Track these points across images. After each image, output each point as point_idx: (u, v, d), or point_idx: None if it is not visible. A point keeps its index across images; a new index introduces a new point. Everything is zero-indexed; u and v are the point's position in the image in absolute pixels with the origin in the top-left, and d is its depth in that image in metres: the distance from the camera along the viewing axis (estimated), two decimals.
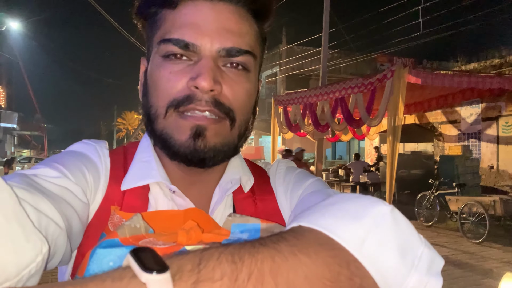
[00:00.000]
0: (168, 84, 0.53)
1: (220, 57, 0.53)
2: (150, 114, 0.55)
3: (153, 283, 0.26)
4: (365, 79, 7.31)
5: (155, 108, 0.54)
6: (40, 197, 0.41)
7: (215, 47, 0.53)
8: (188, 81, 0.52)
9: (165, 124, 0.54)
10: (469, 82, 7.35)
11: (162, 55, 0.54)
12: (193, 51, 0.52)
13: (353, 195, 0.41)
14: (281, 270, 0.30)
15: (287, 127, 10.00)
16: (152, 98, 0.55)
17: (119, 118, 49.73)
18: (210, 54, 0.52)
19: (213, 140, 0.53)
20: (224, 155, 0.56)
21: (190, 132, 0.52)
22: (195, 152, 0.53)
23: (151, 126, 0.56)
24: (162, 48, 0.54)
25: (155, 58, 0.55)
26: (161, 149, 0.57)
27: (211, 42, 0.52)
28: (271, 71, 20.37)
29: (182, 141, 0.53)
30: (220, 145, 0.54)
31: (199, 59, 0.53)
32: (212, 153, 0.54)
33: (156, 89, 0.54)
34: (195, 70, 0.52)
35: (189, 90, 0.52)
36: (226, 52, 0.53)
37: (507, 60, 10.61)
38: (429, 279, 0.36)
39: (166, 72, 0.53)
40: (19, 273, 0.32)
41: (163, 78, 0.53)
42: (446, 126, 11.53)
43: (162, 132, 0.54)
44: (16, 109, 30.31)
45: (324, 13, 11.07)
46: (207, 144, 0.53)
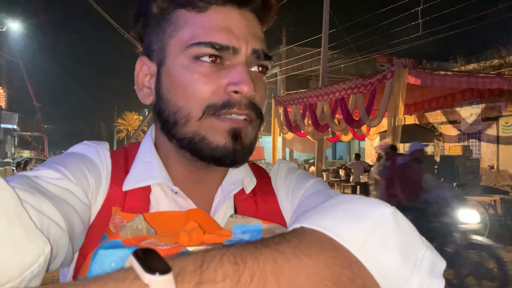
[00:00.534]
0: (203, 87, 0.52)
1: (251, 60, 0.55)
2: (178, 118, 0.54)
3: (156, 284, 0.26)
4: (365, 80, 7.31)
5: (187, 111, 0.53)
6: (41, 198, 0.42)
7: (250, 51, 0.54)
8: (228, 85, 0.52)
9: (200, 126, 0.54)
10: (468, 82, 7.36)
11: (192, 56, 0.53)
12: (230, 55, 0.53)
13: (355, 196, 0.41)
14: (283, 271, 0.30)
15: (287, 127, 10.00)
16: (180, 102, 0.54)
17: (119, 119, 49.76)
18: (244, 59, 0.54)
19: (246, 141, 0.55)
20: (251, 153, 0.58)
21: (228, 134, 0.53)
22: (233, 153, 0.54)
23: (178, 129, 0.55)
24: (195, 50, 0.52)
25: (180, 60, 0.54)
26: (190, 152, 0.56)
27: (246, 45, 0.54)
28: (271, 72, 20.35)
29: (220, 143, 0.53)
30: (250, 145, 0.56)
31: (234, 63, 0.53)
32: (246, 153, 0.56)
33: (187, 92, 0.53)
34: (235, 76, 0.52)
35: (227, 95, 0.53)
36: (257, 55, 0.55)
37: (506, 60, 10.62)
38: (431, 281, 0.36)
39: (199, 75, 0.53)
40: (21, 274, 0.32)
41: (196, 81, 0.53)
42: (446, 126, 11.53)
43: (194, 135, 0.54)
44: (16, 110, 30.32)
45: (323, 14, 11.08)
46: (243, 145, 0.55)
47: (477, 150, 10.41)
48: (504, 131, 9.83)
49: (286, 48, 19.64)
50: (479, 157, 10.13)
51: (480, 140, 10.41)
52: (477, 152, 10.34)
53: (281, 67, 19.55)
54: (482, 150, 10.37)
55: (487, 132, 10.23)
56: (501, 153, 9.92)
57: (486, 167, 10.15)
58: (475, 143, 10.55)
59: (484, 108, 10.19)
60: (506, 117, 9.74)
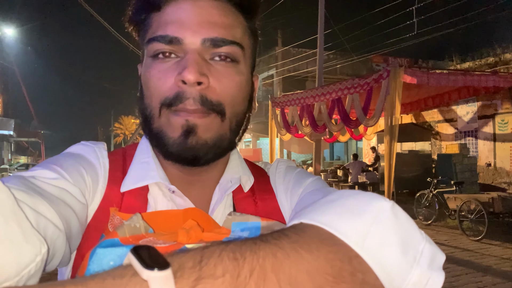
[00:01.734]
0: (158, 83, 0.53)
1: (205, 49, 0.53)
2: (146, 115, 0.55)
3: (155, 280, 0.25)
4: (361, 80, 7.33)
5: (150, 109, 0.55)
6: (38, 199, 0.41)
7: (199, 39, 0.53)
8: (176, 76, 0.52)
9: (160, 123, 0.54)
10: (464, 80, 7.40)
11: (151, 55, 0.54)
12: (178, 46, 0.53)
13: (354, 191, 0.40)
14: (283, 266, 0.30)
15: (285, 128, 10.01)
16: (146, 99, 0.55)
17: (116, 123, 49.70)
18: (194, 47, 0.53)
19: (204, 136, 0.53)
20: (217, 151, 0.55)
21: (181, 129, 0.52)
22: (188, 149, 0.53)
23: (148, 127, 0.56)
24: (150, 48, 0.54)
25: (146, 60, 0.56)
26: (156, 149, 0.57)
27: (194, 34, 0.52)
28: (268, 74, 20.40)
29: (175, 138, 0.53)
30: (211, 140, 0.54)
31: (185, 54, 0.53)
32: (205, 149, 0.53)
33: (149, 90, 0.54)
34: (181, 65, 0.52)
35: (178, 86, 0.52)
36: (210, 42, 0.53)
37: (501, 58, 10.67)
38: (431, 274, 0.36)
39: (155, 71, 0.53)
40: (19, 273, 0.32)
41: (153, 78, 0.53)
42: (443, 125, 11.57)
43: (157, 131, 0.54)
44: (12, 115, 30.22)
45: (319, 15, 11.11)
46: (198, 140, 0.53)
47: (474, 148, 10.45)
48: (500, 128, 9.88)
49: (282, 49, 19.67)
50: (476, 155, 10.16)
51: (477, 138, 10.45)
52: (474, 150, 10.38)
53: (277, 68, 19.59)
54: (479, 148, 10.41)
55: (484, 130, 10.27)
56: (498, 150, 9.96)
57: (483, 164, 10.19)
58: (472, 141, 10.59)
59: (480, 106, 10.24)
60: (502, 115, 9.78)
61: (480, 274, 4.96)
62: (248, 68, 0.59)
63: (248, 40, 0.58)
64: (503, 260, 5.54)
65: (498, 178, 9.94)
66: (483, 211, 6.39)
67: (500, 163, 9.90)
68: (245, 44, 0.57)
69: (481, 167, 10.07)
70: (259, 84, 7.56)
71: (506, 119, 9.71)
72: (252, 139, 22.24)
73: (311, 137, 9.73)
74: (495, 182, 9.88)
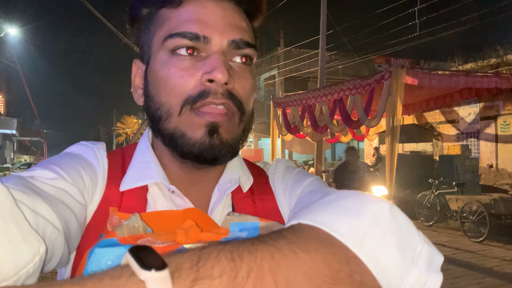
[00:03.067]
0: (180, 81, 0.52)
1: (230, 51, 0.54)
2: (161, 114, 0.54)
3: (152, 280, 0.26)
4: (363, 80, 7.32)
5: (168, 107, 0.54)
6: (37, 199, 0.41)
7: (225, 40, 0.53)
8: (203, 75, 0.51)
9: (179, 122, 0.53)
10: (466, 82, 7.38)
11: (169, 49, 0.53)
12: (204, 45, 0.53)
13: (352, 192, 0.40)
14: (281, 267, 0.30)
15: (286, 129, 10.00)
16: (162, 97, 0.54)
17: (119, 123, 49.74)
18: (220, 48, 0.53)
19: (226, 136, 0.54)
20: (234, 150, 0.56)
21: (205, 129, 0.52)
22: (210, 149, 0.53)
23: (161, 126, 0.55)
24: (170, 44, 0.53)
25: (160, 56, 0.54)
26: (171, 149, 0.56)
27: (221, 35, 0.53)
28: (270, 74, 20.40)
29: (197, 139, 0.53)
30: (231, 140, 0.55)
31: (210, 53, 0.53)
32: (225, 149, 0.54)
33: (166, 87, 0.53)
34: (209, 64, 0.51)
35: (203, 85, 0.52)
36: (235, 45, 0.54)
37: (504, 59, 10.63)
38: (429, 275, 0.36)
39: (176, 69, 0.52)
40: (17, 273, 0.32)
41: (174, 75, 0.52)
42: (445, 126, 11.54)
43: (175, 131, 0.54)
44: (15, 115, 30.32)
45: (321, 15, 11.10)
46: (221, 140, 0.53)
47: (476, 149, 10.42)
48: (502, 130, 9.85)
49: (284, 50, 19.67)
50: (478, 156, 10.14)
51: (479, 139, 10.42)
52: (476, 151, 10.35)
53: (279, 69, 19.58)
54: (481, 149, 10.38)
55: (486, 131, 10.24)
56: (500, 152, 9.93)
57: (485, 166, 10.16)
58: (474, 142, 10.56)
59: (482, 107, 10.21)
60: (504, 116, 9.75)
61: (481, 276, 4.95)
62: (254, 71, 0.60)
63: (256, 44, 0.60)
64: (505, 262, 5.52)
65: (500, 180, 9.90)
66: (484, 213, 6.37)
67: (502, 165, 9.87)
68: (257, 47, 0.58)
69: (483, 168, 10.04)
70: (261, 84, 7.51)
71: (508, 121, 9.68)
72: (253, 139, 22.24)
73: (312, 138, 9.73)
74: (497, 184, 9.85)
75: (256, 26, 0.62)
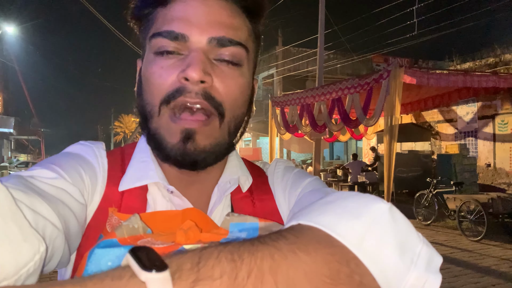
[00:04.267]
0: (159, 80, 0.52)
1: (211, 49, 0.53)
2: (145, 113, 0.55)
3: (153, 281, 0.26)
4: (361, 79, 7.33)
5: (150, 106, 0.54)
6: (36, 198, 0.41)
7: (205, 38, 0.52)
8: (178, 73, 0.51)
9: (159, 124, 0.53)
10: (464, 81, 7.40)
11: (154, 51, 0.53)
12: (183, 43, 0.52)
13: (351, 193, 0.40)
14: (281, 268, 0.30)
15: (285, 128, 10.01)
16: (145, 96, 0.55)
17: (116, 122, 49.69)
18: (200, 46, 0.52)
19: (203, 143, 0.53)
20: (216, 156, 0.55)
21: (180, 135, 0.52)
22: (186, 155, 0.52)
23: (146, 125, 0.55)
24: (154, 44, 0.53)
25: (147, 56, 0.55)
26: (153, 150, 0.56)
27: (201, 32, 0.52)
28: (268, 73, 20.39)
29: (174, 144, 0.52)
30: (210, 146, 0.54)
31: (190, 51, 0.52)
32: (203, 155, 0.53)
33: (149, 86, 0.54)
34: (185, 62, 0.51)
35: (179, 82, 0.51)
36: (217, 42, 0.53)
37: (501, 59, 10.66)
38: (428, 276, 0.36)
39: (157, 68, 0.53)
40: (17, 272, 0.32)
41: (154, 74, 0.53)
42: (443, 125, 11.57)
43: (155, 133, 0.54)
44: (13, 113, 30.20)
45: (319, 14, 11.10)
46: (197, 147, 0.52)
47: (473, 149, 10.45)
48: (500, 129, 9.88)
49: (282, 49, 19.66)
50: (476, 155, 10.16)
51: (477, 138, 10.45)
52: (474, 151, 10.38)
53: (277, 67, 19.57)
54: (478, 148, 10.41)
55: (484, 130, 10.27)
56: (497, 151, 9.96)
57: (483, 165, 10.20)
58: (472, 141, 10.59)
59: (480, 107, 10.24)
60: (502, 115, 9.78)
61: (479, 274, 4.96)
62: (250, 71, 0.59)
63: (252, 44, 0.58)
64: (503, 260, 5.54)
65: (497, 179, 9.94)
66: (482, 212, 6.39)
67: (500, 164, 9.91)
68: (250, 47, 0.57)
69: (480, 167, 10.07)
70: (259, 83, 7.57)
71: (506, 120, 9.71)
72: (252, 138, 22.24)
73: (311, 137, 9.74)
74: (494, 183, 9.88)
75: (258, 24, 0.60)
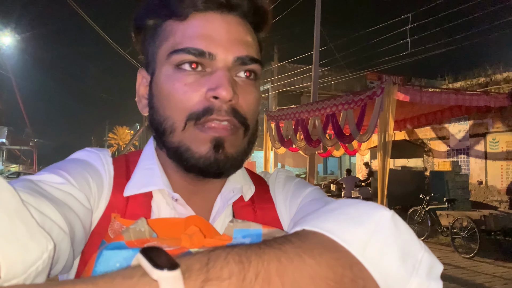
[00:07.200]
0: (184, 96, 0.52)
1: (235, 67, 0.54)
2: (165, 127, 0.55)
3: (165, 280, 0.26)
4: (356, 96, 7.41)
5: (172, 121, 0.54)
6: (43, 201, 0.41)
7: (231, 57, 0.53)
8: (207, 92, 0.52)
9: (184, 136, 0.54)
10: (456, 99, 7.52)
11: (174, 64, 0.53)
12: (209, 61, 0.53)
13: (355, 200, 0.41)
14: (287, 270, 0.31)
15: (280, 142, 10.03)
16: (166, 111, 0.54)
17: (110, 133, 49.40)
18: (225, 64, 0.53)
19: (230, 151, 0.54)
20: (238, 164, 0.57)
21: (210, 144, 0.53)
22: (215, 164, 0.53)
23: (165, 139, 0.55)
24: (174, 59, 0.53)
25: (164, 69, 0.54)
26: (176, 162, 0.56)
27: (226, 52, 0.53)
28: (263, 88, 20.50)
29: (202, 154, 0.53)
30: (236, 154, 0.55)
31: (215, 69, 0.53)
32: (230, 163, 0.54)
33: (170, 102, 0.54)
34: (213, 81, 0.52)
35: (207, 101, 0.52)
36: (241, 61, 0.54)
37: (492, 78, 10.86)
38: (430, 283, 0.37)
39: (180, 84, 0.53)
40: (26, 271, 0.32)
41: (178, 90, 0.53)
42: (436, 142, 11.67)
43: (179, 145, 0.54)
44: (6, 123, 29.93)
45: (315, 32, 11.27)
46: (226, 155, 0.54)
47: (466, 166, 10.53)
48: (491, 147, 9.98)
49: (278, 64, 19.85)
50: (468, 172, 10.24)
51: (469, 156, 10.54)
52: (466, 168, 10.46)
53: (273, 83, 19.72)
54: (470, 166, 10.50)
55: (475, 148, 10.37)
56: (489, 168, 10.05)
57: (475, 182, 10.26)
58: (464, 158, 10.68)
59: (472, 125, 10.36)
60: (493, 134, 9.90)
61: None
62: (260, 84, 0.61)
63: (261, 56, 0.60)
64: (495, 278, 5.54)
65: (489, 196, 10.00)
66: (475, 229, 6.41)
67: (492, 181, 9.98)
68: (262, 61, 0.59)
69: (473, 184, 10.14)
70: None
71: (497, 138, 9.83)
72: None
73: (305, 151, 9.77)
74: (486, 200, 9.94)
75: (262, 36, 0.62)
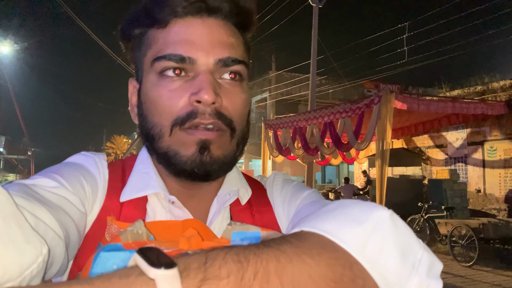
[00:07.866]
0: (169, 102, 0.53)
1: (217, 69, 0.54)
2: (153, 134, 0.55)
3: (162, 278, 0.26)
4: (353, 104, 7.45)
5: (159, 127, 0.55)
6: (38, 205, 0.41)
7: (212, 60, 0.54)
8: (190, 96, 0.52)
9: (171, 142, 0.54)
10: (453, 107, 7.57)
11: (157, 72, 0.54)
12: (190, 65, 0.53)
13: (353, 201, 0.41)
14: (286, 270, 0.30)
15: (278, 150, 10.04)
16: (153, 118, 0.55)
17: (108, 142, 49.31)
18: (207, 68, 0.53)
19: (217, 153, 0.54)
20: (227, 166, 0.57)
21: (196, 146, 0.53)
22: (201, 166, 0.53)
23: (154, 145, 0.56)
24: (157, 66, 0.54)
25: (150, 77, 0.55)
26: (165, 167, 0.56)
27: (207, 55, 0.53)
28: (261, 96, 20.61)
29: (189, 156, 0.53)
30: (223, 156, 0.55)
31: (197, 73, 0.53)
32: (217, 165, 0.54)
33: (157, 108, 0.54)
34: (196, 85, 0.52)
35: (191, 106, 0.52)
36: (223, 63, 0.54)
37: (489, 87, 10.94)
38: (430, 282, 0.36)
39: (165, 91, 0.53)
40: (21, 274, 0.32)
41: (163, 97, 0.53)
42: (433, 150, 11.70)
43: (167, 150, 0.55)
44: (3, 132, 29.85)
45: (312, 41, 11.37)
46: (212, 157, 0.54)
47: (464, 174, 10.54)
48: (489, 155, 10.01)
49: (275, 73, 19.97)
50: (466, 180, 10.24)
51: (467, 164, 10.56)
52: (464, 176, 10.47)
53: (270, 91, 19.81)
54: (468, 174, 10.51)
55: (473, 156, 10.40)
56: (487, 177, 10.06)
57: (473, 190, 10.26)
58: (462, 167, 10.70)
59: (470, 133, 10.40)
60: (491, 142, 9.94)
61: None
62: (247, 84, 0.60)
63: (247, 57, 0.60)
64: (494, 286, 5.51)
65: (488, 204, 10.00)
66: (474, 237, 6.39)
67: (490, 189, 9.99)
68: (247, 62, 0.59)
69: (471, 193, 10.14)
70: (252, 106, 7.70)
71: (495, 146, 9.87)
72: (244, 160, 22.19)
73: (303, 160, 9.77)
74: (485, 208, 9.93)
75: (248, 36, 0.62)
